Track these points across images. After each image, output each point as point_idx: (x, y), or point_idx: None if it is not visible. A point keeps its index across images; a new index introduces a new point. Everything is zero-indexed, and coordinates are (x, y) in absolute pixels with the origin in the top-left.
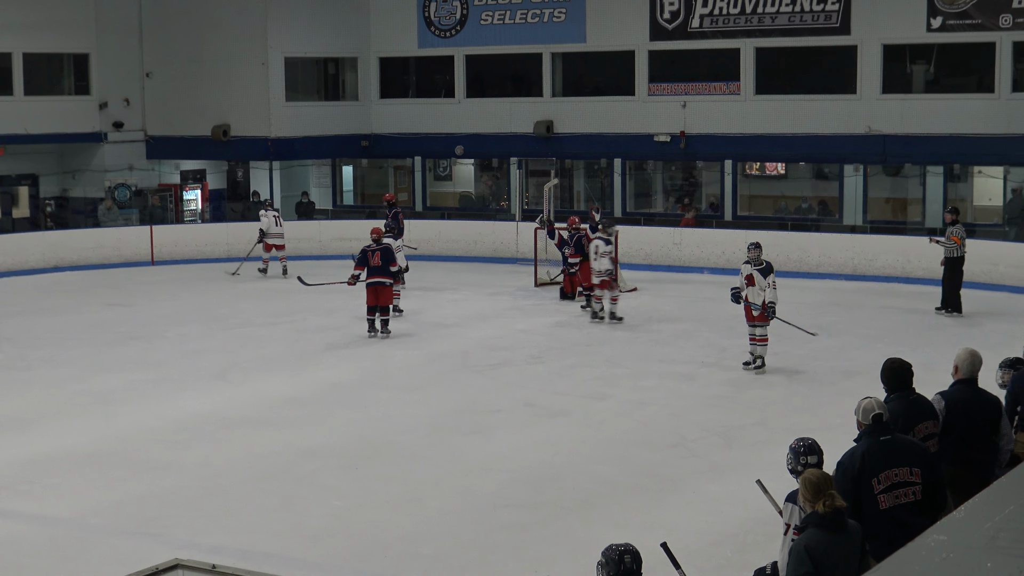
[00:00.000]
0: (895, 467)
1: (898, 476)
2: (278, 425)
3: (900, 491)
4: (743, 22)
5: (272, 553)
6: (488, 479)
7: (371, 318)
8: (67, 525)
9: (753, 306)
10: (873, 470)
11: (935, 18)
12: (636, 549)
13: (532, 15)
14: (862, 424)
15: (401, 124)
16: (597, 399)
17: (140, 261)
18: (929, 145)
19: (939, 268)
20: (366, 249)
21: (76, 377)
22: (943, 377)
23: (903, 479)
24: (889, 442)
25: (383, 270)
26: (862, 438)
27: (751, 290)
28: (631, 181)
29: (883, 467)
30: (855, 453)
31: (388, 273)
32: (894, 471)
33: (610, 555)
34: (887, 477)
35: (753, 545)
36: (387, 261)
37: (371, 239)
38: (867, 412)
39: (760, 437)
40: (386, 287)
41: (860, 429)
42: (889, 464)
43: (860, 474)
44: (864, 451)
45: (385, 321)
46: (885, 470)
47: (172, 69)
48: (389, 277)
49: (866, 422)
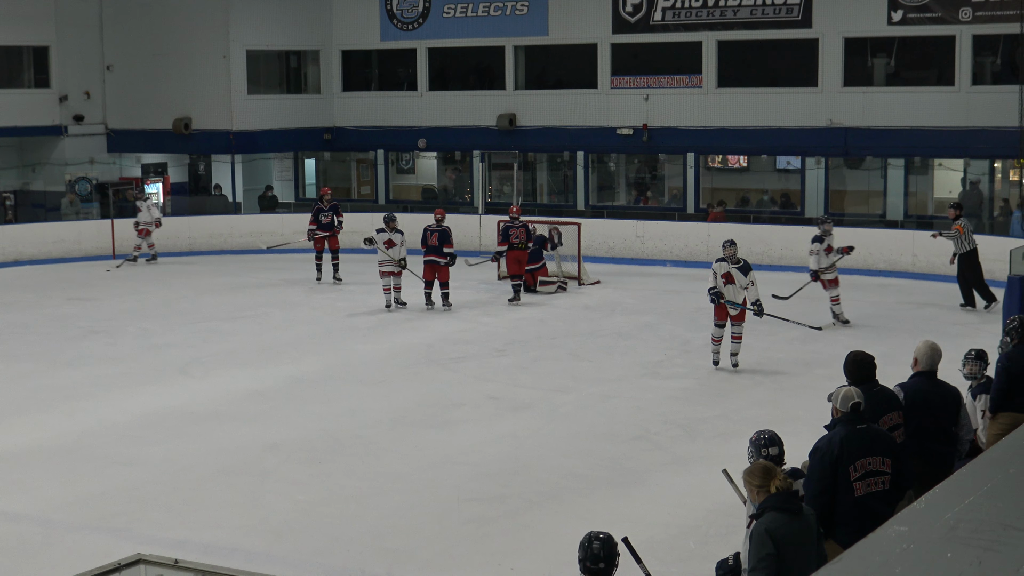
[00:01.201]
0: (869, 455)
1: (872, 465)
2: (241, 420)
3: (872, 480)
4: (705, 15)
5: (236, 548)
6: (452, 472)
7: (428, 291)
8: (29, 521)
9: (731, 305)
10: (850, 457)
11: (896, 11)
12: (609, 537)
13: (494, 8)
14: (839, 411)
15: (364, 117)
16: (561, 392)
17: (101, 255)
18: (890, 138)
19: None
20: (427, 228)
21: (38, 372)
22: (904, 369)
23: (876, 468)
24: (865, 431)
25: (439, 250)
26: (837, 425)
27: (729, 288)
28: (594, 174)
29: (859, 455)
30: (832, 439)
31: (444, 253)
32: (868, 460)
33: (582, 542)
34: (862, 465)
35: (716, 537)
36: (443, 242)
37: (434, 219)
38: (846, 400)
39: (723, 429)
40: (442, 265)
41: (835, 416)
42: (865, 452)
43: (837, 460)
44: (842, 438)
45: (445, 295)
46: (861, 458)
47: (133, 62)
48: (444, 257)
49: (844, 410)
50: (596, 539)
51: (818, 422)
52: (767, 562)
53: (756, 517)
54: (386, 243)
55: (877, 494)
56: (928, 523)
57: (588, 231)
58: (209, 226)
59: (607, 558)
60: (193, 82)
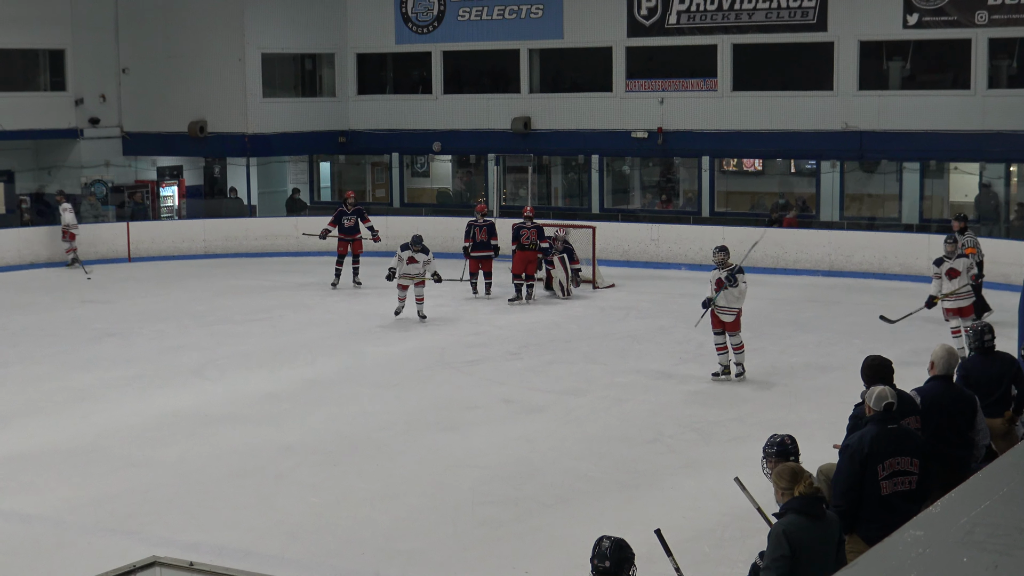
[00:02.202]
0: (898, 455)
1: (900, 465)
2: (256, 422)
3: (900, 479)
4: (720, 18)
5: (250, 550)
6: (465, 475)
7: (474, 281)
8: (44, 522)
9: (724, 311)
10: (880, 456)
11: (911, 15)
12: (621, 541)
13: (509, 11)
14: (872, 410)
15: (378, 120)
16: (574, 395)
17: (117, 258)
18: (905, 141)
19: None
20: (471, 224)
21: (52, 374)
22: (920, 373)
23: (904, 468)
24: (896, 431)
25: (487, 243)
26: (869, 424)
27: (723, 294)
28: (608, 177)
29: (888, 454)
30: (864, 437)
31: (490, 247)
32: (897, 459)
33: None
34: (891, 464)
35: (731, 540)
36: (490, 235)
37: (478, 216)
38: (880, 400)
39: (737, 432)
40: (488, 259)
41: (868, 415)
42: (894, 452)
43: (867, 459)
44: (873, 436)
45: (488, 284)
46: (889, 457)
47: (148, 65)
48: (491, 250)
49: (877, 409)
50: (607, 538)
51: (832, 426)
52: (780, 563)
53: (778, 517)
54: (408, 259)
55: (903, 493)
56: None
57: (603, 234)
58: (224, 229)
59: (614, 560)
60: (208, 85)
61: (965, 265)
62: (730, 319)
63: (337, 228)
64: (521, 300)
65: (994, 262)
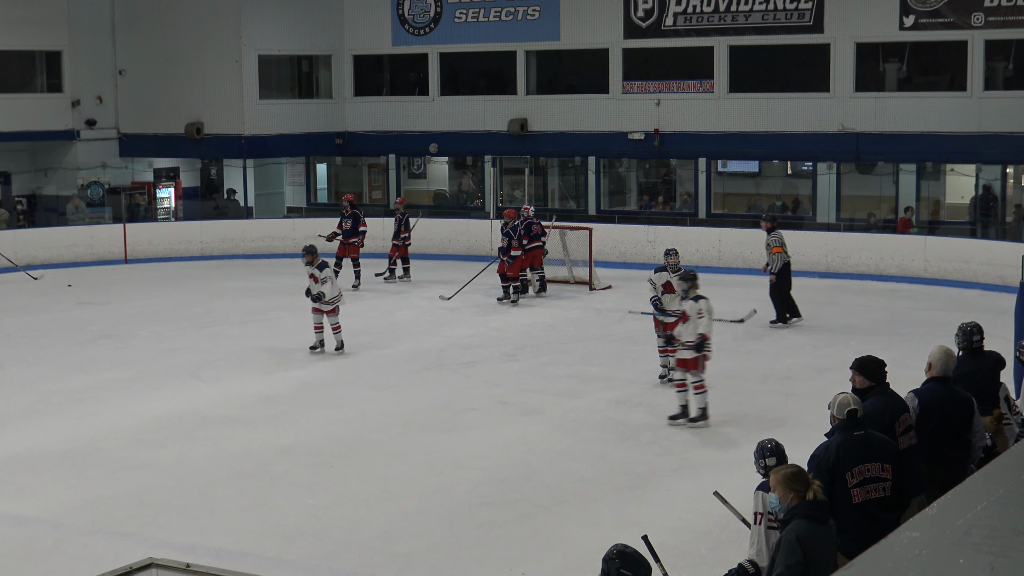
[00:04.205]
0: (868, 462)
1: (870, 471)
2: (252, 424)
3: (871, 486)
4: (717, 20)
5: (247, 552)
6: (462, 477)
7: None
8: (40, 525)
9: (667, 316)
10: (847, 464)
11: (908, 16)
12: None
13: (506, 13)
14: (836, 418)
15: (375, 122)
16: (571, 397)
17: (113, 259)
18: (902, 143)
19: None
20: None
21: (49, 376)
22: (916, 374)
23: (875, 474)
24: (863, 437)
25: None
26: (835, 432)
27: (667, 298)
28: (605, 179)
29: (857, 461)
30: (830, 446)
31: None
32: (867, 466)
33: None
34: (860, 471)
35: (727, 542)
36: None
37: (518, 217)
38: (842, 407)
39: (733, 435)
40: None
41: (833, 424)
42: (863, 459)
43: (835, 467)
44: (839, 445)
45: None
46: (858, 464)
47: (145, 67)
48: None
49: (840, 416)
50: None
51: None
52: (795, 570)
53: (784, 523)
54: (310, 276)
55: (877, 500)
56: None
57: (599, 236)
58: (221, 230)
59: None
60: (205, 87)
61: (694, 310)
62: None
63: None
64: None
65: (991, 264)
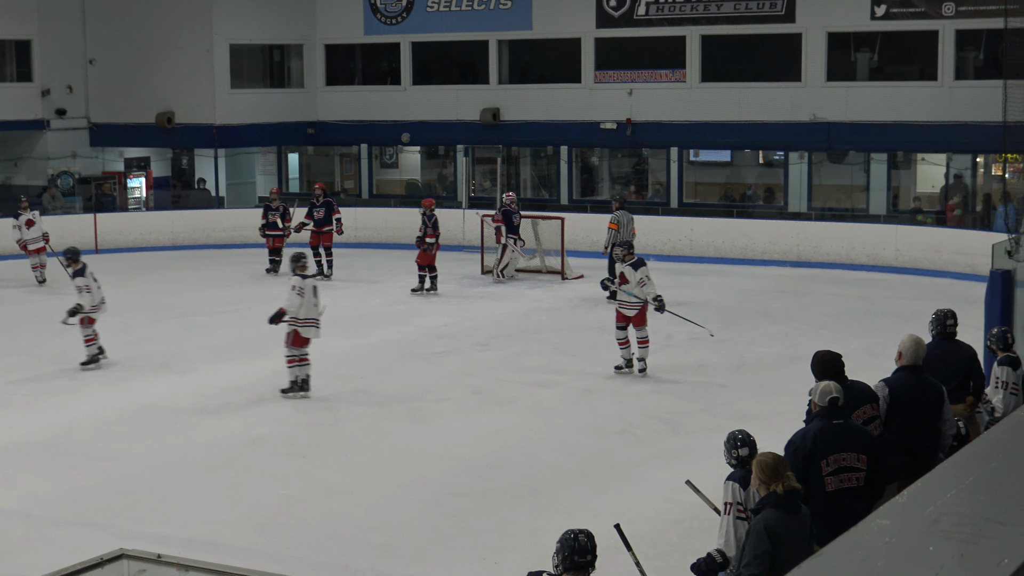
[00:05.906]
0: (843, 451)
1: (845, 460)
2: (224, 414)
3: (845, 475)
4: (688, 9)
5: (219, 542)
6: (435, 467)
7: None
8: (11, 516)
9: (626, 304)
10: (823, 452)
11: (879, 6)
12: (591, 533)
13: (478, 2)
14: (817, 406)
15: (347, 111)
16: (544, 386)
17: (84, 250)
18: (873, 133)
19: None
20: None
21: (20, 366)
22: (887, 363)
23: (850, 464)
24: (841, 426)
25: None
26: (815, 419)
27: (624, 288)
28: (577, 168)
29: (832, 450)
30: (807, 433)
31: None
32: (842, 455)
33: (564, 537)
34: (835, 460)
35: (699, 531)
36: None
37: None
38: (824, 394)
39: (706, 423)
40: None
41: (814, 411)
42: (838, 448)
43: (811, 454)
44: (816, 432)
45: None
46: (834, 453)
47: (116, 56)
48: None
49: (822, 404)
50: (582, 532)
51: (801, 416)
52: (763, 559)
53: (755, 512)
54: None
55: (850, 490)
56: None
57: (571, 225)
58: (192, 220)
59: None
60: (176, 76)
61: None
62: (633, 313)
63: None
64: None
65: (961, 253)
